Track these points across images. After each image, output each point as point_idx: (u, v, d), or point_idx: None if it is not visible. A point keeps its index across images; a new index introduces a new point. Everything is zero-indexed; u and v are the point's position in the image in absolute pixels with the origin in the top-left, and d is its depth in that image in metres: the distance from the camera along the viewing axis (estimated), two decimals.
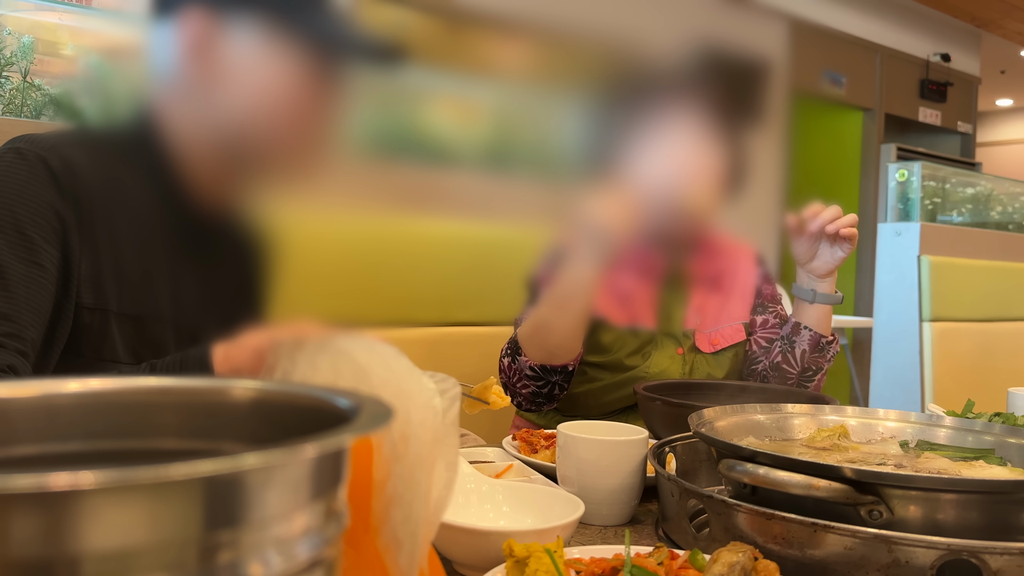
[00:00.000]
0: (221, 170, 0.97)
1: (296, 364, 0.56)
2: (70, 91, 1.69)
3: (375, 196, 0.98)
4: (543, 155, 1.11)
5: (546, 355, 1.38)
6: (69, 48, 2.47)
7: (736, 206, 1.30)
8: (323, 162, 0.97)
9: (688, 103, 1.21)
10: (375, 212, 1.18)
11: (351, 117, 0.97)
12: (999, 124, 9.71)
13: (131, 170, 0.97)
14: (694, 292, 1.52)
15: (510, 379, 1.42)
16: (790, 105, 1.29)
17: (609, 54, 1.11)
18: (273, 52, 0.93)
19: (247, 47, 0.92)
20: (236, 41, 0.92)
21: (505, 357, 1.43)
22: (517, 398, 1.44)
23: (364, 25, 0.97)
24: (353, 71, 0.96)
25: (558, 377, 1.40)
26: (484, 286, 1.76)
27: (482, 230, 1.63)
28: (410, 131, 1.00)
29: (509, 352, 1.42)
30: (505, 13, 1.07)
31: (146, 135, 0.96)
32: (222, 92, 0.93)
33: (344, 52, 0.96)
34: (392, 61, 0.96)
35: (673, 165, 1.23)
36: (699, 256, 1.50)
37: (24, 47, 2.37)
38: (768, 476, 0.75)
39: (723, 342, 1.50)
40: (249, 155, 0.96)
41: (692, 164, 1.24)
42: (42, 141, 0.94)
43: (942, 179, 5.01)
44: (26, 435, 0.42)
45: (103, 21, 2.13)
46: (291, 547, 0.34)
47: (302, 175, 0.97)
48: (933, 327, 2.42)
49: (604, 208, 1.24)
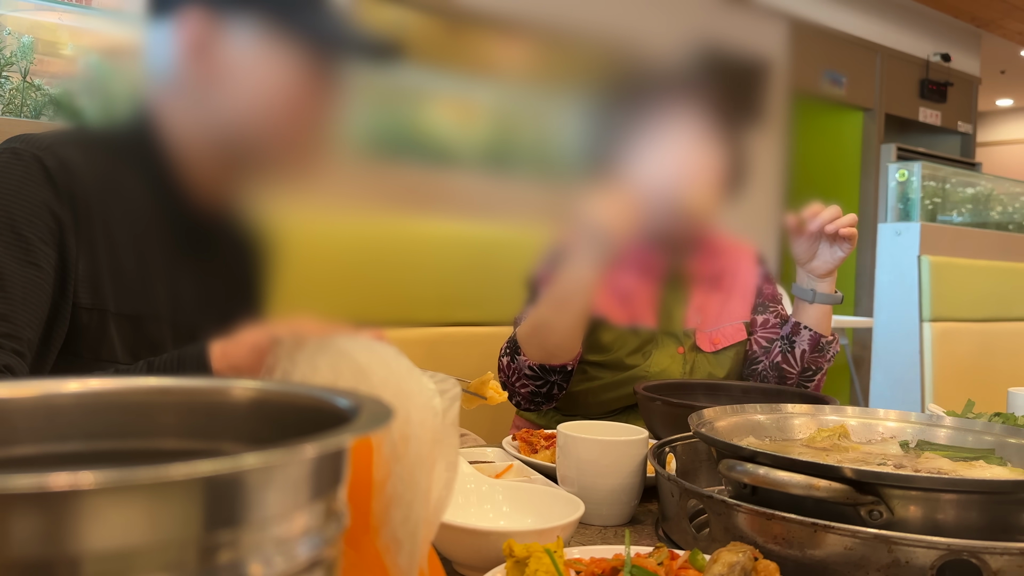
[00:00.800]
0: (219, 169, 0.96)
1: (296, 364, 0.56)
2: (70, 91, 1.68)
3: (375, 196, 0.97)
4: (543, 155, 1.11)
5: (545, 355, 1.38)
6: (69, 48, 2.47)
7: (736, 206, 1.30)
8: (322, 161, 0.97)
9: (688, 103, 1.21)
10: (375, 212, 1.18)
11: (351, 117, 0.97)
12: (999, 124, 9.71)
13: (129, 169, 0.97)
14: (695, 291, 1.52)
15: (509, 378, 1.42)
16: (790, 105, 1.29)
17: (609, 54, 1.11)
18: (272, 51, 0.93)
19: (246, 47, 0.92)
20: (235, 41, 0.91)
21: (504, 356, 1.43)
22: (516, 397, 1.44)
23: (362, 23, 0.97)
24: (352, 70, 0.96)
25: (557, 377, 1.40)
26: (484, 286, 1.76)
27: (482, 230, 1.63)
28: (410, 131, 1.00)
29: (508, 351, 1.42)
30: (505, 13, 1.07)
31: (144, 134, 0.95)
32: (221, 92, 0.93)
33: (343, 51, 0.95)
34: (390, 59, 0.96)
35: (673, 165, 1.23)
36: (699, 255, 1.50)
37: (24, 47, 2.37)
38: (768, 476, 0.75)
39: (724, 341, 1.50)
40: (248, 154, 0.95)
41: (692, 164, 1.24)
42: (38, 141, 0.93)
43: (942, 179, 5.01)
44: (26, 435, 0.42)
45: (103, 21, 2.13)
46: (291, 547, 0.34)
47: (301, 174, 0.97)
48: (933, 327, 2.42)
49: (604, 209, 1.24)
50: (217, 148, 0.95)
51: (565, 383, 1.41)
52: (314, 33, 0.94)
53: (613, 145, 1.19)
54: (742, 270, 1.57)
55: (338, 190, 0.94)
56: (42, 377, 0.45)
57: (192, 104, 0.95)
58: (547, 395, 1.42)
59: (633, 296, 1.45)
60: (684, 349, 1.48)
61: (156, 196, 0.98)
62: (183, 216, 0.99)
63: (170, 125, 0.95)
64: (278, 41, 0.93)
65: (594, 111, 1.15)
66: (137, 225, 0.98)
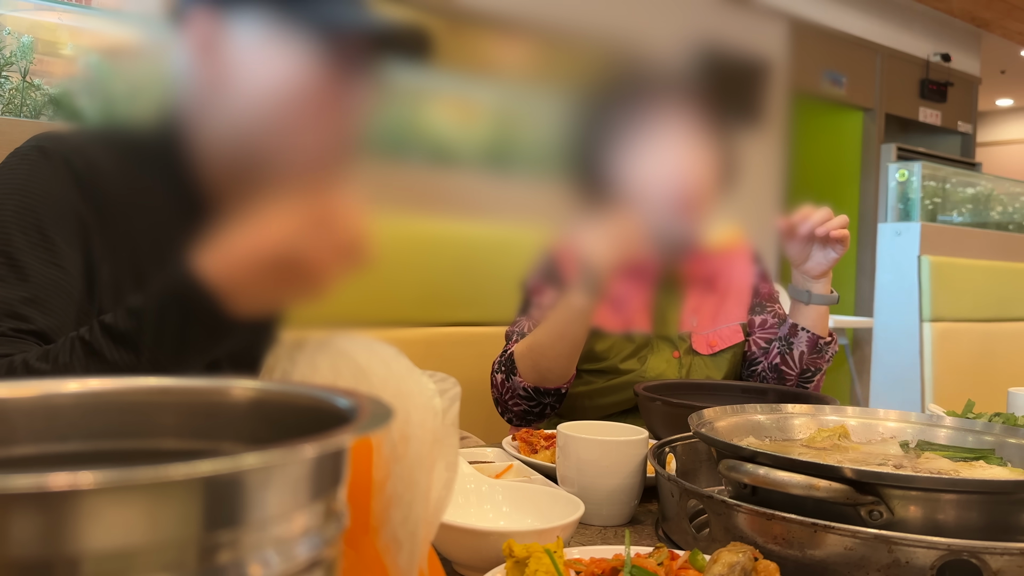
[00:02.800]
0: (240, 173, 0.92)
1: (296, 364, 0.56)
2: (70, 91, 1.68)
3: (374, 196, 0.97)
4: (543, 155, 1.11)
5: (539, 378, 1.38)
6: (69, 48, 2.47)
7: (736, 206, 1.30)
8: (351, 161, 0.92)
9: (688, 103, 1.21)
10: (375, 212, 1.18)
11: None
12: (999, 124, 9.71)
13: (153, 173, 0.95)
14: (689, 294, 1.52)
15: (502, 395, 1.43)
16: (790, 105, 1.29)
17: (609, 54, 1.11)
18: (281, 46, 0.87)
19: (253, 43, 0.88)
20: (241, 38, 0.88)
21: (498, 373, 1.43)
22: (508, 414, 1.46)
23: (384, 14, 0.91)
24: (380, 65, 0.90)
25: (551, 399, 1.41)
26: (484, 286, 1.76)
27: (482, 230, 1.63)
28: (410, 131, 1.00)
29: (503, 369, 1.42)
30: (505, 13, 1.07)
31: (169, 138, 0.92)
32: (231, 92, 0.89)
33: (367, 45, 0.90)
34: (421, 55, 0.90)
35: (671, 168, 1.22)
36: (693, 256, 1.49)
37: (24, 47, 2.37)
38: (768, 476, 0.75)
39: (721, 344, 1.50)
40: (265, 157, 0.90)
41: (689, 165, 1.23)
42: (67, 141, 0.91)
43: (942, 179, 5.01)
44: (26, 435, 0.42)
45: (103, 21, 2.14)
46: (291, 547, 0.34)
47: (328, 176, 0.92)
48: (933, 327, 2.42)
49: (601, 239, 1.23)
50: (234, 151, 0.91)
51: (558, 404, 1.43)
52: (329, 25, 0.88)
53: (613, 145, 1.19)
54: (737, 270, 1.56)
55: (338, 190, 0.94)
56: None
57: (208, 106, 0.91)
58: (539, 414, 1.43)
59: (626, 302, 1.44)
60: (680, 353, 1.47)
61: (180, 201, 0.94)
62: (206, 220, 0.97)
63: (192, 129, 0.92)
64: (288, 35, 0.87)
65: (594, 111, 1.14)
66: (161, 230, 0.94)
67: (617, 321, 1.43)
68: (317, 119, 0.90)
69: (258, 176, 0.90)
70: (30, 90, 2.37)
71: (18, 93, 2.35)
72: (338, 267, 0.73)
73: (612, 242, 1.22)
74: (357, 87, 0.90)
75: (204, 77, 0.90)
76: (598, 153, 1.15)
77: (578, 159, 1.14)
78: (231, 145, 0.91)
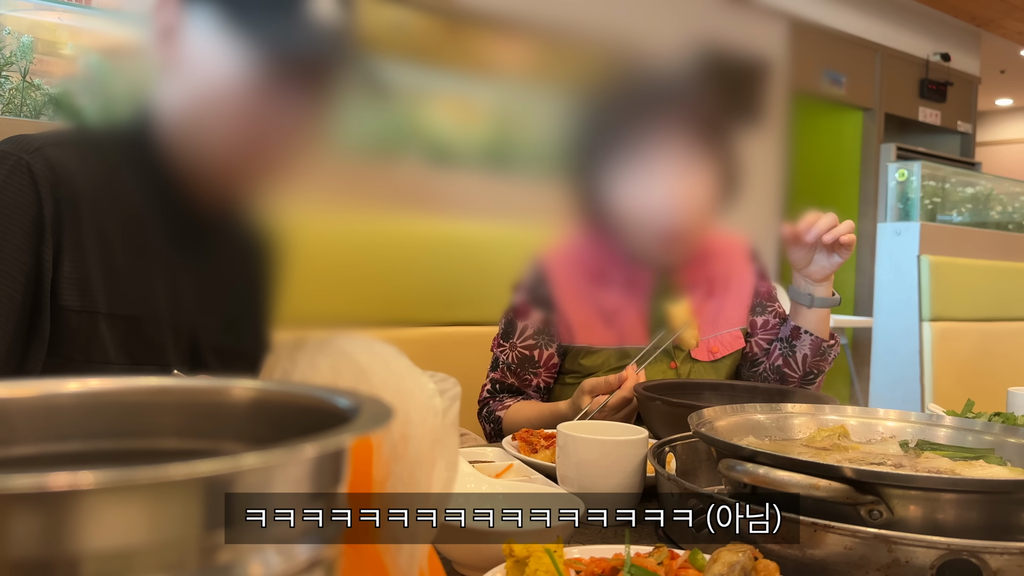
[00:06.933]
0: (211, 165, 0.93)
1: (296, 364, 0.56)
2: (70, 91, 1.68)
3: (374, 196, 0.97)
4: (542, 155, 1.11)
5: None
6: (69, 48, 2.47)
7: (736, 208, 1.29)
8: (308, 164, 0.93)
9: (688, 104, 1.20)
10: (374, 212, 1.18)
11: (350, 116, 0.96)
12: (999, 124, 9.71)
13: (126, 169, 0.96)
14: (687, 300, 1.50)
15: (482, 414, 1.48)
16: (790, 105, 1.29)
17: (609, 54, 1.11)
18: (228, 47, 0.87)
19: (203, 37, 0.88)
20: (195, 29, 0.88)
21: (486, 395, 1.48)
22: (485, 429, 1.49)
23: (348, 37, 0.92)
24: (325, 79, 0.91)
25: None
26: (484, 286, 1.76)
27: (482, 230, 1.63)
28: (410, 131, 1.00)
29: (489, 397, 1.48)
30: (505, 13, 1.07)
31: (141, 133, 0.93)
32: (179, 80, 0.90)
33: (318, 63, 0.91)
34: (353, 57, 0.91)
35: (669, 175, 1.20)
36: (690, 261, 1.46)
37: (24, 47, 2.37)
38: (768, 476, 0.75)
39: (723, 350, 1.48)
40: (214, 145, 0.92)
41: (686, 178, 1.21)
42: (28, 143, 0.93)
43: (942, 179, 5.01)
44: (26, 435, 0.42)
45: (103, 21, 2.14)
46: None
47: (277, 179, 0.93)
48: (933, 327, 2.42)
49: (595, 390, 1.29)
50: (189, 138, 0.92)
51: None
52: (275, 38, 0.89)
53: (613, 145, 1.18)
54: (736, 272, 1.55)
55: (337, 189, 0.94)
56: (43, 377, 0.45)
57: (163, 92, 0.92)
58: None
59: (619, 314, 1.41)
60: (676, 363, 1.45)
61: (153, 195, 0.96)
62: (181, 215, 0.97)
63: (164, 120, 0.93)
64: (236, 38, 0.88)
65: (594, 111, 1.14)
66: (133, 225, 0.96)
67: (610, 335, 1.41)
68: (253, 120, 0.90)
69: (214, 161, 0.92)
70: (30, 90, 2.37)
71: (18, 93, 2.35)
72: None
73: (605, 394, 1.28)
74: (299, 98, 0.91)
75: (161, 62, 0.91)
76: (597, 155, 1.15)
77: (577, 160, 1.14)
78: (185, 132, 0.92)
